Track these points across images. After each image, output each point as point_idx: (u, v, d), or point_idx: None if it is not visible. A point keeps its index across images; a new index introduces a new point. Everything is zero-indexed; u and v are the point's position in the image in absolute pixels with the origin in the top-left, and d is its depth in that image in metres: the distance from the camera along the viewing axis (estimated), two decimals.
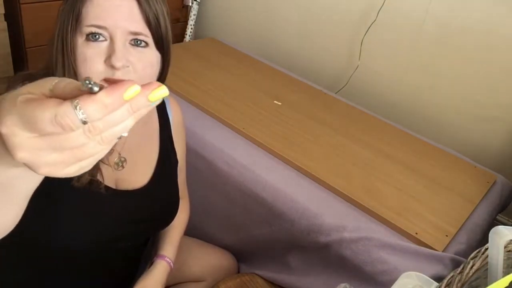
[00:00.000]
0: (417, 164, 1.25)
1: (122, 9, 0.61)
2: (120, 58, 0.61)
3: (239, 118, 1.33)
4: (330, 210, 1.04)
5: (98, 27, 0.61)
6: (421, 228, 1.01)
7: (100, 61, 0.61)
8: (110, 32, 0.61)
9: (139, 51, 0.64)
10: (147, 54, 0.65)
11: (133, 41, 0.63)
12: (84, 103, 0.29)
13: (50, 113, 0.29)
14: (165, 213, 0.85)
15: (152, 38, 0.65)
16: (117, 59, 0.60)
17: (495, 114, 1.45)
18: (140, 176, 0.79)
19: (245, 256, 1.22)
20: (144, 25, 0.63)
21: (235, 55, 1.81)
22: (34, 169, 0.31)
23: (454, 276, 0.54)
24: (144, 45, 0.64)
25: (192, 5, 2.14)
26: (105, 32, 0.61)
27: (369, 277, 0.95)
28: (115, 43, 0.61)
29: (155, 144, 0.83)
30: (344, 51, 1.78)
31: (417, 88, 1.62)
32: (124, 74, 0.62)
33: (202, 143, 1.23)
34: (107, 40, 0.62)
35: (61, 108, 0.29)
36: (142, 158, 0.80)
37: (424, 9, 1.50)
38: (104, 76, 0.61)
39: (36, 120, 0.29)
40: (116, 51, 0.61)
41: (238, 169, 1.16)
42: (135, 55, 0.63)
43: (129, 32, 0.62)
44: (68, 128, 0.29)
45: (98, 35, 0.61)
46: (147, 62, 0.65)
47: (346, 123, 1.41)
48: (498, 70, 1.41)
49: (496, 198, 1.22)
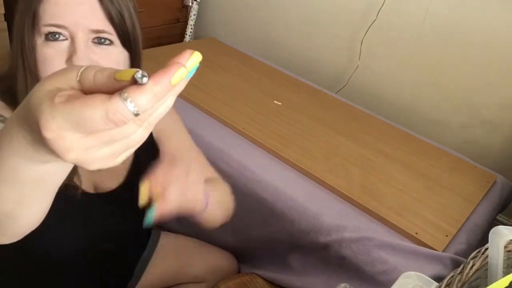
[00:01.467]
0: (417, 164, 1.25)
1: (82, 6, 0.58)
2: (82, 58, 0.57)
3: (239, 118, 1.33)
4: (330, 210, 1.04)
5: (56, 26, 0.57)
6: (421, 228, 1.01)
7: (61, 61, 0.58)
8: (70, 31, 0.58)
9: (103, 49, 0.60)
10: (112, 51, 0.61)
11: (96, 39, 0.60)
12: (134, 96, 0.28)
13: (101, 110, 0.28)
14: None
15: (116, 35, 0.61)
16: (79, 59, 0.57)
17: (495, 114, 1.45)
18: (116, 177, 0.76)
19: (245, 256, 1.22)
20: (106, 22, 0.59)
21: (235, 55, 1.81)
22: (86, 166, 0.31)
23: (454, 276, 0.54)
24: (108, 43, 0.60)
25: (192, 5, 2.14)
26: (64, 31, 0.58)
27: (369, 277, 0.95)
28: (76, 42, 0.58)
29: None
30: (344, 51, 1.78)
31: (417, 88, 1.62)
32: None
33: (202, 143, 1.23)
34: (68, 39, 0.58)
35: (112, 104, 0.28)
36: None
37: (424, 9, 1.50)
38: None
39: (86, 121, 0.28)
40: (77, 50, 0.57)
41: (238, 169, 1.16)
42: (99, 53, 0.60)
43: (90, 30, 0.58)
44: (122, 123, 0.28)
45: (58, 35, 0.58)
46: (112, 60, 0.61)
47: (346, 123, 1.41)
48: (498, 70, 1.41)
49: (496, 198, 1.22)
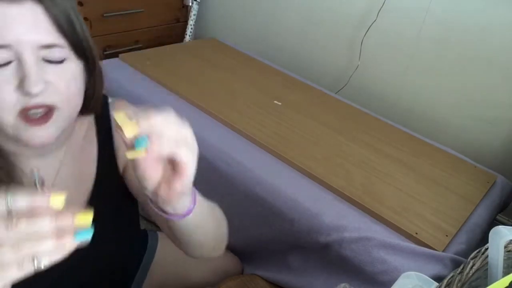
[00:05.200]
0: (417, 164, 1.25)
1: (23, 18, 0.48)
2: (35, 81, 0.49)
3: (239, 118, 1.33)
4: (330, 210, 1.04)
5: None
6: (421, 228, 1.01)
7: (9, 89, 0.49)
8: (15, 50, 0.48)
9: (57, 67, 0.52)
10: (67, 68, 0.53)
11: (47, 60, 0.51)
12: (16, 194, 0.33)
13: None
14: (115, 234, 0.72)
15: (69, 46, 0.53)
16: (32, 84, 0.48)
17: (495, 114, 1.45)
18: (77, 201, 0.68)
19: (246, 257, 1.22)
20: (55, 33, 0.51)
21: (235, 55, 1.81)
22: None
23: (454, 276, 0.54)
24: (61, 61, 0.52)
25: (192, 5, 2.14)
26: (8, 52, 0.48)
27: (369, 277, 0.95)
28: (24, 63, 0.49)
29: (90, 173, 0.68)
30: (344, 51, 1.78)
31: (417, 88, 1.62)
32: (45, 98, 0.51)
33: (202, 143, 1.23)
34: (13, 62, 0.49)
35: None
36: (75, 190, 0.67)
37: (424, 9, 1.50)
38: (20, 106, 0.50)
39: None
40: (28, 73, 0.48)
41: (238, 169, 1.16)
42: (53, 73, 0.51)
43: (39, 46, 0.50)
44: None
45: (0, 58, 0.48)
46: (69, 77, 0.53)
47: (346, 123, 1.41)
48: (498, 70, 1.41)
49: (496, 198, 1.22)
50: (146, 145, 0.43)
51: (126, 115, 0.42)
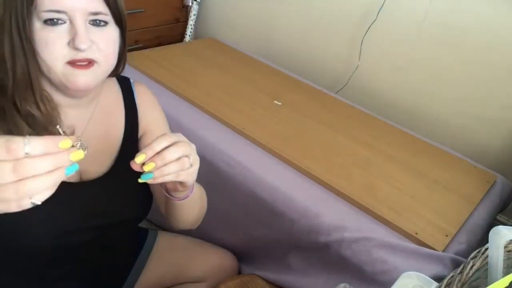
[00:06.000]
0: (417, 164, 1.25)
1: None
2: (84, 40, 0.61)
3: (239, 118, 1.33)
4: (330, 210, 1.04)
5: (56, 11, 0.60)
6: (421, 228, 1.01)
7: (62, 43, 0.61)
8: (70, 15, 0.60)
9: (100, 30, 0.64)
10: (108, 31, 0.65)
11: (93, 21, 0.63)
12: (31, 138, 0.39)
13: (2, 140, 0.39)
14: (128, 207, 0.80)
15: (111, 15, 0.65)
16: (81, 41, 0.60)
17: (495, 114, 1.45)
18: (100, 166, 0.77)
19: (245, 256, 1.22)
20: (102, 3, 0.63)
21: (235, 55, 1.81)
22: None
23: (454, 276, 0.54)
24: (104, 24, 0.64)
25: (192, 5, 2.14)
26: (64, 15, 0.60)
27: (369, 277, 0.95)
28: (76, 25, 0.61)
29: (119, 131, 0.80)
30: (344, 51, 1.78)
31: (417, 88, 1.62)
32: (89, 53, 0.63)
33: (202, 143, 1.23)
34: (66, 23, 0.61)
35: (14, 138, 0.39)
36: (104, 146, 0.78)
37: (424, 9, 1.50)
38: (69, 58, 0.62)
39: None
40: (79, 33, 0.60)
41: (238, 169, 1.16)
42: (97, 34, 0.63)
43: (88, 12, 0.62)
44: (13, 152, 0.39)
45: (57, 19, 0.60)
46: (109, 39, 0.66)
47: (346, 123, 1.41)
48: (498, 70, 1.41)
49: (496, 198, 1.22)
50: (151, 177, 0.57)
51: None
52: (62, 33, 0.61)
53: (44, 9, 0.59)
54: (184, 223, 0.82)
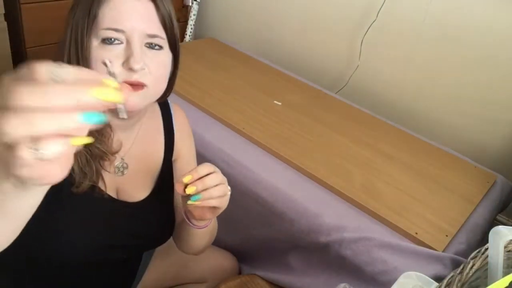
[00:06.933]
0: (417, 164, 1.25)
1: (139, 11, 0.61)
2: (138, 60, 0.61)
3: (239, 118, 1.33)
4: (330, 210, 1.04)
5: (115, 30, 0.60)
6: (421, 228, 1.01)
7: (117, 64, 0.61)
8: (127, 35, 0.61)
9: (155, 54, 0.64)
10: (161, 56, 0.65)
11: (149, 44, 0.63)
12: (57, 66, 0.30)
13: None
14: (162, 230, 0.82)
15: (167, 40, 0.65)
16: (136, 62, 0.60)
17: (495, 114, 1.45)
18: (141, 188, 0.78)
19: (246, 257, 1.22)
20: (160, 27, 0.64)
21: (235, 55, 1.81)
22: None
23: (454, 276, 0.54)
24: (159, 48, 0.64)
25: (192, 5, 2.14)
26: (121, 35, 0.61)
27: (369, 277, 0.95)
28: (132, 45, 0.61)
29: (159, 154, 0.81)
30: (344, 51, 1.78)
31: (417, 88, 1.62)
32: (141, 76, 0.63)
33: (202, 143, 1.23)
34: (123, 43, 0.61)
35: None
36: (145, 167, 0.79)
37: (424, 9, 1.50)
38: (122, 79, 0.62)
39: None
40: (134, 54, 0.61)
41: (238, 169, 1.16)
42: (151, 57, 0.63)
43: (146, 35, 0.62)
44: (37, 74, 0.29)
45: (115, 39, 0.61)
46: (161, 63, 0.65)
47: (346, 123, 1.41)
48: (498, 70, 1.41)
49: (496, 198, 1.22)
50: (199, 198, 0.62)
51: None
52: (118, 53, 0.61)
53: (103, 27, 0.60)
54: (192, 249, 0.83)
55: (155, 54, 0.64)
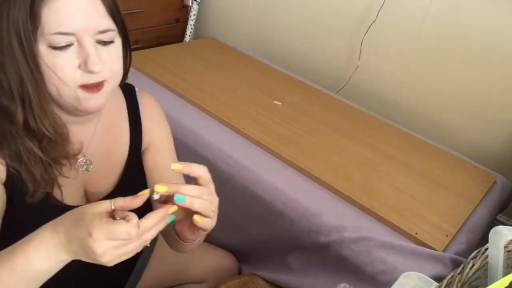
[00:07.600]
0: (417, 164, 1.25)
1: (85, 9, 0.57)
2: (97, 62, 0.58)
3: (239, 118, 1.33)
4: (330, 210, 1.04)
5: (64, 34, 0.56)
6: (421, 228, 1.01)
7: (73, 67, 0.58)
8: (78, 36, 0.57)
9: (108, 48, 0.61)
10: (115, 48, 0.63)
11: (101, 42, 0.60)
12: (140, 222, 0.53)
13: (125, 227, 0.50)
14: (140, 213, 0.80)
15: (117, 31, 0.62)
16: (94, 64, 0.57)
17: (496, 115, 1.45)
18: (105, 183, 0.75)
19: (246, 257, 1.22)
20: (109, 19, 0.60)
21: (235, 55, 1.81)
22: (108, 264, 0.53)
23: (454, 276, 0.54)
24: (110, 42, 0.61)
25: (192, 5, 2.13)
26: (71, 37, 0.56)
27: (369, 277, 0.95)
28: (85, 47, 0.57)
29: (124, 145, 0.77)
30: (344, 51, 1.78)
31: (417, 88, 1.62)
32: (101, 75, 0.61)
33: (202, 143, 1.24)
34: (73, 44, 0.57)
35: (129, 225, 0.51)
36: (109, 160, 0.75)
37: (424, 9, 1.50)
38: (81, 82, 0.59)
39: (117, 233, 0.49)
40: (91, 56, 0.57)
41: (238, 169, 1.16)
42: (106, 53, 0.61)
43: (97, 31, 0.58)
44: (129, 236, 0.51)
45: (64, 43, 0.56)
46: (116, 56, 0.63)
47: (346, 123, 1.41)
48: (498, 70, 1.41)
49: (496, 198, 1.22)
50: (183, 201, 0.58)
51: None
52: (71, 56, 0.57)
53: (50, 32, 0.55)
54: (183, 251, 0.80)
55: (109, 49, 0.61)
